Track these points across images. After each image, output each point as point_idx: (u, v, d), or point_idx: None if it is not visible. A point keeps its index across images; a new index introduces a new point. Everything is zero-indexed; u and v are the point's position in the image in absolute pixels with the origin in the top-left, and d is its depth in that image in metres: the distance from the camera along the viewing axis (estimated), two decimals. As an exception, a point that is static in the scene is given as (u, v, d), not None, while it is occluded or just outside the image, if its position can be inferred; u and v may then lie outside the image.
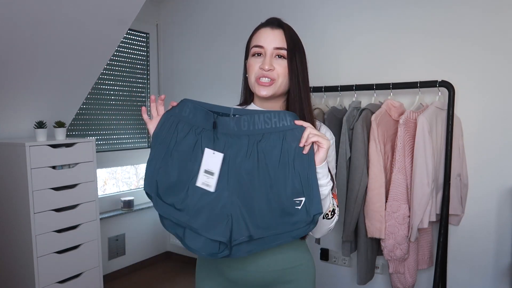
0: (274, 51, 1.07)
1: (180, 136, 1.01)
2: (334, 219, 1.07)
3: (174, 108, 1.05)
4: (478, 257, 2.15)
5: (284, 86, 1.10)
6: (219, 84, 3.07)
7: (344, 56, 2.49)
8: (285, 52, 1.07)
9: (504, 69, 2.03)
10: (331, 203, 1.04)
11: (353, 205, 2.03)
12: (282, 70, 1.07)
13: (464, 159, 2.12)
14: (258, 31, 1.11)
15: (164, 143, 1.01)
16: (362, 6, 2.41)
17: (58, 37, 2.05)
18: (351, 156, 2.04)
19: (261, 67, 1.07)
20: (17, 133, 2.33)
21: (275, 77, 1.07)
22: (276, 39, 1.08)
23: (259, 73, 1.08)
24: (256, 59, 1.09)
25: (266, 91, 1.08)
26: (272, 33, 1.08)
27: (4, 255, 2.16)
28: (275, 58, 1.08)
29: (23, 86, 2.16)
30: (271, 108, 1.14)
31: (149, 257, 3.31)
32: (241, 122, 1.00)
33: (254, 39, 1.11)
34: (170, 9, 3.31)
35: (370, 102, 2.21)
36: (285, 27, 1.10)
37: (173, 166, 1.00)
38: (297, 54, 1.09)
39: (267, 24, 1.11)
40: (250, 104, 1.19)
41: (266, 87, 1.08)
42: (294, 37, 1.10)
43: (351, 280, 2.56)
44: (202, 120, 1.02)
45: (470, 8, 2.09)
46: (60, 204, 2.12)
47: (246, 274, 1.08)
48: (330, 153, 1.11)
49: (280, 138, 0.97)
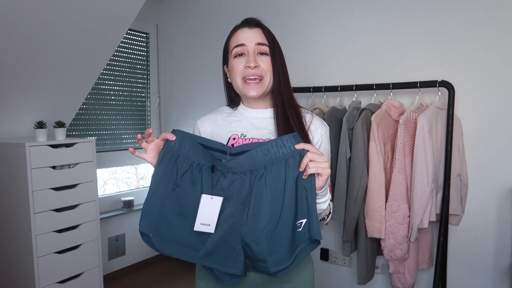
0: (256, 47, 1.07)
1: (180, 172, 0.97)
2: (328, 217, 1.09)
3: (173, 143, 0.98)
4: (478, 257, 2.15)
5: (271, 83, 1.09)
6: (219, 84, 3.06)
7: (344, 56, 2.49)
8: (267, 48, 1.07)
9: (504, 69, 2.03)
10: (329, 208, 1.05)
11: (353, 205, 2.03)
12: (267, 67, 1.07)
13: (464, 159, 2.12)
14: (236, 32, 1.10)
15: (163, 180, 0.97)
16: (362, 6, 2.41)
17: (58, 37, 2.05)
18: (351, 156, 2.04)
19: (247, 65, 1.06)
20: (17, 133, 2.33)
21: (262, 74, 1.07)
22: (256, 36, 1.08)
23: (245, 72, 1.07)
24: (238, 59, 1.08)
25: (255, 91, 1.07)
26: (251, 31, 1.08)
27: (4, 255, 2.16)
28: (258, 55, 1.07)
29: (23, 86, 2.16)
30: (259, 106, 1.13)
31: (149, 257, 3.31)
32: (240, 161, 0.96)
33: (233, 40, 1.10)
34: (170, 9, 3.31)
35: (370, 102, 2.21)
36: (262, 26, 1.10)
37: (173, 205, 0.96)
38: (277, 51, 1.09)
39: (244, 24, 1.11)
40: (240, 105, 1.17)
41: (255, 86, 1.07)
42: (272, 35, 1.11)
43: (351, 280, 2.56)
44: (202, 158, 0.97)
45: (470, 8, 2.09)
46: (60, 204, 2.12)
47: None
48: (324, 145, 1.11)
49: (283, 167, 0.94)
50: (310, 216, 0.94)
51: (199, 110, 3.17)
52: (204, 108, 3.14)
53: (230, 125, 1.13)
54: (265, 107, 1.14)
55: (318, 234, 0.93)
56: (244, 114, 1.15)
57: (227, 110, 1.18)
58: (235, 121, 1.12)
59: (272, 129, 1.10)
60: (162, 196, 0.96)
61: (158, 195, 0.96)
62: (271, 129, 1.10)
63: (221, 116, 1.17)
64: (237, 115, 1.15)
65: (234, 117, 1.15)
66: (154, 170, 0.99)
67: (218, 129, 1.13)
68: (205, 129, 1.16)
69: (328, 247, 2.62)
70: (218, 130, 1.13)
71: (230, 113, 1.16)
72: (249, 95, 1.08)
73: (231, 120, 1.14)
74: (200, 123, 1.18)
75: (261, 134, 1.09)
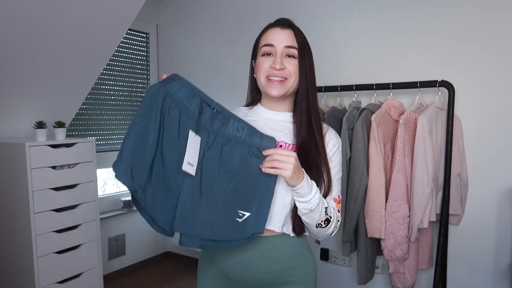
0: (285, 50, 1.07)
1: (166, 109, 1.00)
2: (330, 227, 1.06)
3: (163, 81, 1.02)
4: (478, 257, 2.15)
5: (294, 86, 1.09)
6: (219, 84, 3.07)
7: (344, 56, 2.49)
8: (296, 51, 1.07)
9: (504, 69, 2.03)
10: (323, 213, 1.03)
11: (353, 205, 2.03)
12: (293, 69, 1.07)
13: (464, 159, 2.12)
14: (268, 31, 1.10)
15: (148, 114, 0.99)
16: (363, 6, 2.41)
17: (58, 37, 2.05)
18: (351, 156, 2.04)
19: (272, 66, 1.06)
20: (17, 133, 2.33)
21: (287, 76, 1.07)
22: (286, 38, 1.07)
23: (269, 72, 1.07)
24: (266, 58, 1.08)
25: (277, 91, 1.07)
26: (282, 32, 1.08)
27: (4, 255, 2.16)
28: (285, 58, 1.07)
29: (23, 86, 2.16)
30: (278, 108, 1.14)
31: (149, 257, 3.31)
32: (216, 119, 1.01)
33: (263, 39, 1.10)
34: (170, 9, 3.31)
35: (370, 102, 2.21)
36: (294, 27, 1.10)
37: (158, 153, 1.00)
38: (306, 54, 1.09)
39: (276, 24, 1.11)
40: (256, 105, 1.18)
41: (278, 86, 1.07)
42: (303, 38, 1.10)
43: (351, 280, 2.56)
44: (189, 99, 1.02)
45: (470, 8, 2.09)
46: (60, 204, 2.12)
47: (245, 273, 1.08)
48: (336, 157, 1.11)
49: (245, 151, 0.99)
50: (259, 211, 0.98)
51: (199, 110, 3.17)
52: (204, 108, 3.13)
53: None
54: (283, 110, 1.14)
55: (261, 228, 0.98)
56: (261, 114, 1.15)
57: (244, 110, 1.19)
58: (251, 121, 1.13)
59: (287, 133, 1.10)
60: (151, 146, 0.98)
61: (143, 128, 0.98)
62: (286, 132, 1.10)
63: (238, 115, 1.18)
64: (253, 115, 1.16)
65: (250, 116, 1.15)
66: (142, 103, 1.01)
67: None
68: None
69: (328, 247, 2.62)
70: None
71: (247, 113, 1.17)
72: (271, 94, 1.08)
73: (247, 120, 1.14)
74: None
75: (276, 136, 1.08)
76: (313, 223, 1.03)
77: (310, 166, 1.04)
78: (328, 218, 1.04)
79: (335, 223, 1.07)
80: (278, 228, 1.06)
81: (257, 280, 1.08)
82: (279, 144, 1.08)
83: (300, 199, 0.99)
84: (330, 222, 1.05)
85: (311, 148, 1.05)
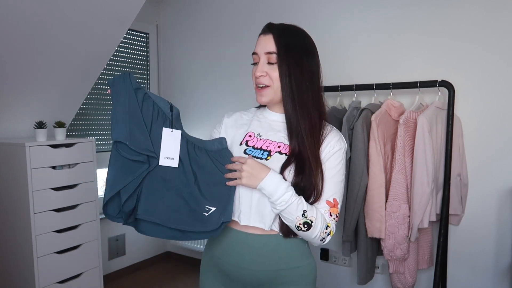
0: (266, 56, 1.08)
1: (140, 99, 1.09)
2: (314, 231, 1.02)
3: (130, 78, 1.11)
4: (478, 257, 2.15)
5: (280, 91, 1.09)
6: (219, 84, 3.07)
7: (344, 56, 2.49)
8: (275, 56, 1.06)
9: (504, 69, 2.03)
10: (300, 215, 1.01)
11: (353, 205, 2.03)
12: (274, 75, 1.07)
13: (464, 159, 2.12)
14: (257, 39, 1.12)
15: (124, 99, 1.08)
16: (363, 6, 2.41)
17: (58, 37, 2.05)
18: (351, 156, 2.04)
19: (254, 74, 1.10)
20: (17, 133, 2.33)
21: (268, 83, 1.08)
22: (266, 45, 1.07)
23: (256, 80, 1.10)
24: (254, 67, 1.12)
25: (263, 98, 1.11)
26: (263, 39, 1.09)
27: (4, 255, 2.16)
28: (267, 64, 1.08)
29: (23, 86, 2.16)
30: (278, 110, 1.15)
31: (149, 257, 3.31)
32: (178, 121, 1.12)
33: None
34: (170, 9, 3.31)
35: (370, 102, 2.21)
36: (274, 30, 1.08)
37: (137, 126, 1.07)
38: (291, 56, 1.06)
39: (262, 30, 1.12)
40: (263, 107, 1.22)
41: (262, 93, 1.10)
42: (286, 40, 1.07)
43: (351, 280, 2.56)
44: (156, 97, 1.11)
45: (470, 8, 2.09)
46: (60, 204, 2.12)
47: (240, 270, 1.09)
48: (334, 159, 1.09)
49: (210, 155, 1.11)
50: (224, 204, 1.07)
51: (199, 110, 3.17)
52: (204, 108, 3.14)
53: (251, 123, 1.18)
54: (281, 112, 1.14)
55: (229, 217, 1.07)
56: (265, 115, 1.18)
57: (253, 111, 1.23)
58: (256, 121, 1.17)
59: None
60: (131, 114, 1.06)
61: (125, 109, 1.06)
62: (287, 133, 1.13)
63: (246, 115, 1.22)
64: (259, 116, 1.19)
65: (256, 117, 1.19)
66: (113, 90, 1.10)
67: (239, 125, 1.19)
68: (228, 121, 1.22)
69: (328, 247, 2.62)
70: (240, 126, 1.19)
71: (254, 114, 1.21)
72: (258, 101, 1.13)
73: (253, 120, 1.19)
74: (227, 115, 1.24)
75: (276, 137, 1.12)
76: (292, 225, 1.03)
77: (302, 170, 1.04)
78: (308, 222, 1.01)
79: (320, 228, 1.03)
80: (268, 226, 1.07)
81: (253, 278, 1.09)
82: (278, 145, 1.10)
83: (269, 199, 1.03)
84: (312, 226, 1.02)
85: (303, 151, 1.06)
